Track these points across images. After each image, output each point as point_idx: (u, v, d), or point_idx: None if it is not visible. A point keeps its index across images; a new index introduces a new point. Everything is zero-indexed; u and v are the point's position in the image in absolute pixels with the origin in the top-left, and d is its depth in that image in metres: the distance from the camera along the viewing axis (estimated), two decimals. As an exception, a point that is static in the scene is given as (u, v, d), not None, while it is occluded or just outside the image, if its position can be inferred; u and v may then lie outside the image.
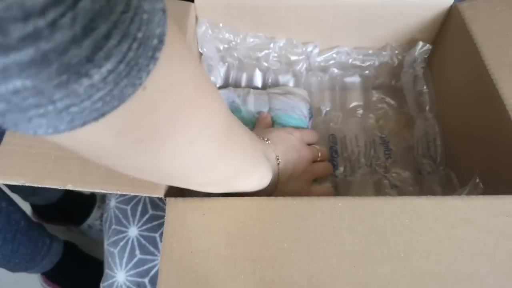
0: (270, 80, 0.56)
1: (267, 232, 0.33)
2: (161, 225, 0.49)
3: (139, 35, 0.15)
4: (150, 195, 0.35)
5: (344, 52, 0.57)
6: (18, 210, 0.65)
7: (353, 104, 0.57)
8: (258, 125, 0.50)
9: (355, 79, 0.57)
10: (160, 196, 0.35)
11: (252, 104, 0.52)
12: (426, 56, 0.55)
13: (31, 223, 0.69)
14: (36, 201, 0.89)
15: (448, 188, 0.49)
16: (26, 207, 0.91)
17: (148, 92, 0.17)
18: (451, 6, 0.50)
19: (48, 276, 0.82)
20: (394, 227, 0.33)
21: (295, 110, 0.49)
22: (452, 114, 0.52)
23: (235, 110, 0.52)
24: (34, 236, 0.68)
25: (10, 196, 0.67)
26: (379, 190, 0.51)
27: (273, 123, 0.50)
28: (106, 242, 0.50)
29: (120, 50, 0.14)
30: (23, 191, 0.83)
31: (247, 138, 0.34)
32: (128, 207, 0.51)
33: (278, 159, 0.41)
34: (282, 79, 0.57)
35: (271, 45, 0.55)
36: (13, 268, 0.68)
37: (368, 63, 0.57)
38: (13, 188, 0.80)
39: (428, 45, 0.54)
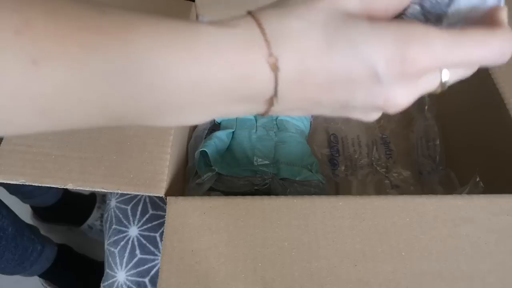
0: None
1: (267, 231, 0.33)
2: (161, 224, 0.49)
3: None
4: (151, 194, 0.35)
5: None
6: (6, 217, 0.65)
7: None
8: None
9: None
10: (161, 195, 0.35)
11: None
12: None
13: (22, 229, 0.68)
14: (36, 203, 0.89)
15: (449, 188, 0.49)
16: (26, 208, 0.91)
17: None
18: (451, 6, 0.50)
19: (47, 277, 0.82)
20: (395, 226, 0.33)
21: None
22: (452, 114, 0.52)
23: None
24: (23, 243, 0.68)
25: (7, 199, 0.66)
26: (380, 191, 0.51)
27: (275, 119, 0.48)
28: (106, 242, 0.50)
29: None
30: (22, 193, 0.83)
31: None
32: (129, 207, 0.51)
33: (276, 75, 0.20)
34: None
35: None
36: (1, 271, 0.68)
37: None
38: (11, 190, 0.80)
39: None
